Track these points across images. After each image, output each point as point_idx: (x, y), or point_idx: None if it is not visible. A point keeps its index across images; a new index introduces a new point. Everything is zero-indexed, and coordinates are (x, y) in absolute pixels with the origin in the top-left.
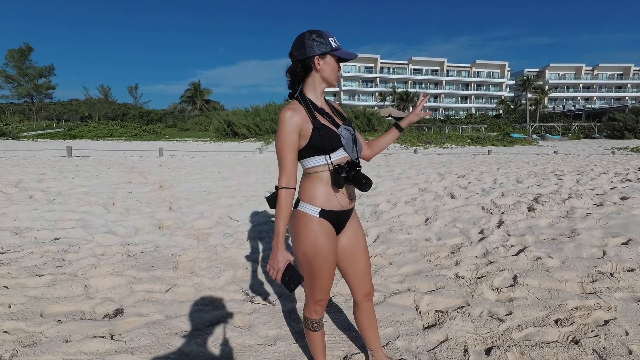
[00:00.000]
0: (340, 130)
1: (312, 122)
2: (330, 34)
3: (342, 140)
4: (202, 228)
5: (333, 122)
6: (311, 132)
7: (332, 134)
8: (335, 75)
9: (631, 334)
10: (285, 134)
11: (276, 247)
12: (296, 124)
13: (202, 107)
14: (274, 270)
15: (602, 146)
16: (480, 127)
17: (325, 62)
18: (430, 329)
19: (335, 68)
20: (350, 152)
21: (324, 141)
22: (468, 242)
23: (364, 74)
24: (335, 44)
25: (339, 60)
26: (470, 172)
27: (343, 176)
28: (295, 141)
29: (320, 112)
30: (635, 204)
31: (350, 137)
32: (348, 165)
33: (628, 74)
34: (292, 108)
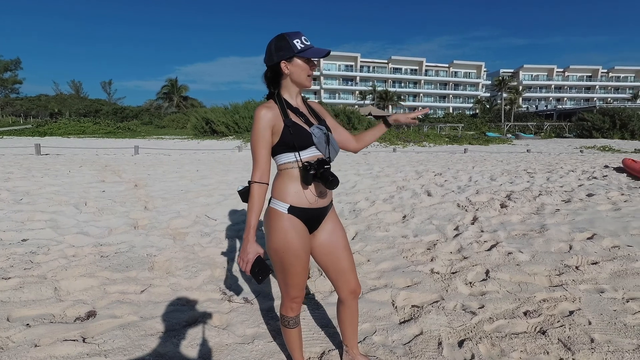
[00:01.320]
0: (312, 129)
1: (283, 120)
2: (299, 34)
3: (313, 139)
4: (179, 227)
5: (306, 121)
6: (282, 130)
7: (303, 132)
8: (305, 77)
9: (593, 323)
10: (259, 131)
11: (246, 240)
12: (269, 121)
13: (180, 104)
14: (244, 262)
15: (572, 145)
16: (457, 126)
17: (293, 65)
18: (406, 324)
19: (305, 69)
20: (323, 151)
21: (294, 139)
22: (443, 239)
23: (345, 72)
24: (302, 45)
25: (309, 59)
26: (447, 170)
27: (311, 173)
28: (268, 138)
29: (294, 111)
30: (600, 201)
31: (323, 136)
32: (317, 163)
33: (596, 76)
34: (266, 106)
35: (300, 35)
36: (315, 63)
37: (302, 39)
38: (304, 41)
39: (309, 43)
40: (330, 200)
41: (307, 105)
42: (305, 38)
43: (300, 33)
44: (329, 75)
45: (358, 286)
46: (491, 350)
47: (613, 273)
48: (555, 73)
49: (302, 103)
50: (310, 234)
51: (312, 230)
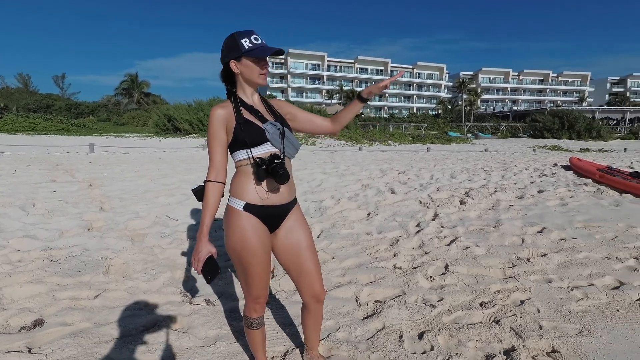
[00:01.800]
0: (265, 125)
1: (235, 117)
2: (249, 33)
3: (267, 135)
4: (137, 228)
5: (260, 117)
6: (235, 127)
7: (255, 128)
8: (256, 75)
9: (542, 312)
10: (213, 130)
11: (199, 239)
12: (222, 119)
13: (140, 101)
14: (195, 261)
15: (526, 145)
16: (421, 125)
17: (242, 65)
18: (369, 319)
19: (255, 68)
20: (279, 146)
21: (245, 135)
22: (406, 235)
23: (312, 71)
24: (250, 44)
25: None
26: (410, 168)
27: (263, 168)
28: (223, 136)
29: (248, 109)
30: (549, 197)
31: (277, 131)
32: (269, 158)
33: (547, 80)
34: (221, 106)
35: (251, 35)
36: (267, 61)
37: (251, 38)
38: (253, 40)
39: (260, 42)
40: (293, 198)
41: (265, 103)
42: (256, 37)
43: (252, 32)
44: (296, 73)
45: (322, 291)
46: (449, 341)
47: (560, 264)
48: (511, 76)
49: (258, 101)
50: (271, 233)
51: (274, 229)
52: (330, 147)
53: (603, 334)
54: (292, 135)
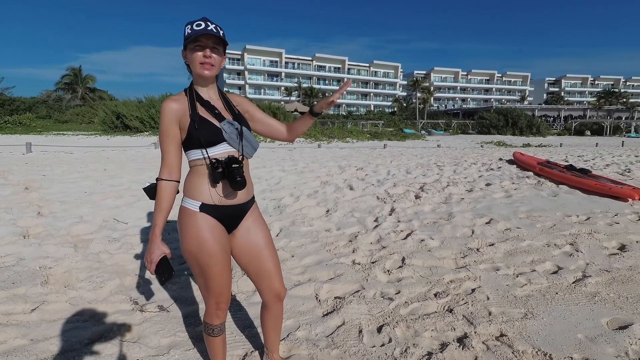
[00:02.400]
0: (222, 124)
1: (190, 114)
2: (198, 20)
3: (224, 135)
4: (81, 234)
5: (217, 115)
6: (189, 125)
7: (211, 127)
8: (197, 64)
9: (491, 298)
10: (165, 126)
11: (152, 240)
12: (175, 115)
13: (85, 96)
14: (148, 262)
15: (474, 141)
16: (378, 123)
17: (188, 54)
18: (328, 316)
19: (195, 58)
20: (236, 146)
21: (199, 134)
22: (364, 230)
23: (269, 67)
24: (190, 30)
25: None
26: (368, 164)
27: (219, 171)
28: (176, 132)
29: (204, 105)
30: (496, 189)
31: (234, 131)
32: (226, 161)
33: (493, 80)
34: (173, 99)
35: (194, 22)
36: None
37: (194, 24)
38: (194, 27)
39: (202, 27)
40: (251, 197)
41: (224, 99)
42: (199, 23)
43: (203, 19)
44: (253, 70)
45: (282, 289)
46: (406, 332)
47: (506, 252)
48: (460, 76)
49: (216, 96)
50: (229, 233)
51: (231, 229)
52: (289, 145)
53: (544, 316)
54: (251, 134)
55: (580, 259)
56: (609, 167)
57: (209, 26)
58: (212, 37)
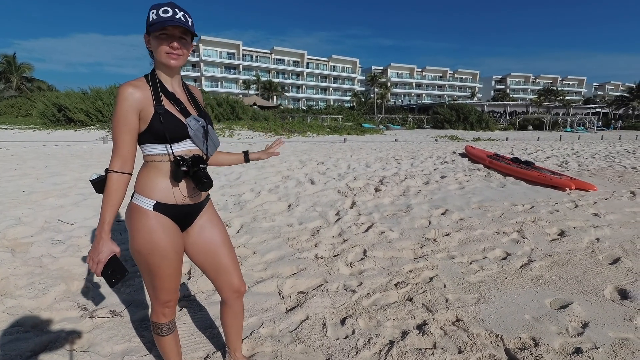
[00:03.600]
0: (188, 120)
1: (154, 105)
2: (162, 5)
3: (189, 132)
4: (19, 237)
5: (183, 110)
6: (152, 117)
7: (177, 122)
8: (162, 54)
9: (448, 286)
10: (123, 113)
11: (99, 237)
12: (136, 102)
13: (21, 87)
14: (94, 262)
15: (429, 135)
16: (337, 117)
17: (152, 40)
18: (292, 311)
19: (160, 47)
20: (201, 145)
21: (165, 129)
22: (326, 224)
23: (226, 59)
24: (156, 16)
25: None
26: (329, 159)
27: (183, 170)
28: (134, 122)
29: (169, 97)
30: (450, 182)
31: (200, 129)
32: (192, 160)
33: (445, 77)
34: (134, 84)
35: (161, 7)
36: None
37: (160, 10)
38: (161, 13)
39: (169, 14)
40: (207, 195)
41: (188, 92)
42: (166, 9)
43: (170, 4)
44: (209, 62)
45: (242, 284)
46: (369, 323)
47: (460, 241)
48: (415, 72)
49: (180, 89)
50: (183, 232)
51: (185, 228)
52: (248, 139)
53: (496, 300)
54: (215, 133)
55: (526, 245)
56: (549, 159)
57: (177, 14)
58: (180, 27)
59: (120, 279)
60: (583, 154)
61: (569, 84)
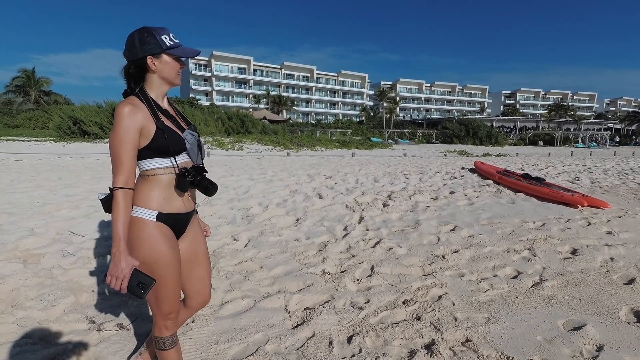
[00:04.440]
0: (185, 134)
1: (155, 122)
2: (166, 30)
3: (186, 145)
4: (31, 248)
5: (177, 125)
6: (154, 133)
7: (177, 137)
8: (175, 74)
9: (457, 304)
10: (125, 131)
11: (118, 254)
12: (138, 122)
13: (39, 100)
14: (118, 279)
15: (438, 150)
16: (346, 131)
17: (161, 62)
18: (298, 328)
19: (175, 67)
20: (195, 158)
21: (169, 144)
22: (334, 239)
23: (237, 74)
24: (171, 41)
25: (178, 57)
26: (337, 173)
27: (189, 180)
28: (136, 139)
29: (163, 113)
30: (459, 197)
31: (195, 142)
32: (195, 170)
33: (454, 92)
34: (132, 103)
35: (168, 32)
36: (184, 62)
37: (170, 35)
38: (173, 38)
39: (178, 41)
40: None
41: (174, 108)
42: (173, 35)
43: (167, 29)
44: (221, 77)
45: (209, 296)
46: (376, 342)
47: (470, 259)
48: (424, 87)
49: (168, 105)
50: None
51: (179, 236)
52: (257, 153)
53: (506, 320)
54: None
55: (537, 263)
56: (560, 175)
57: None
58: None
59: (149, 288)
60: (595, 171)
61: (579, 100)
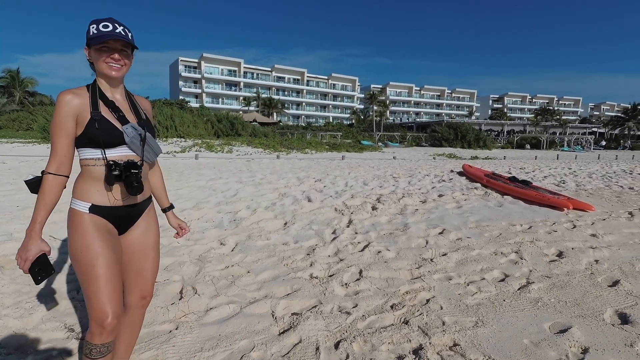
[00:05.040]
0: (125, 127)
1: (90, 112)
2: (101, 20)
3: (125, 138)
4: (9, 254)
5: (121, 117)
6: (87, 122)
7: (112, 129)
8: (103, 65)
9: (444, 308)
10: (60, 118)
11: (29, 235)
12: (73, 109)
13: (24, 101)
14: (22, 259)
15: (427, 153)
16: (336, 134)
17: (91, 53)
18: (285, 334)
19: (99, 57)
20: (137, 151)
21: (99, 134)
22: (322, 243)
23: (228, 77)
24: (96, 31)
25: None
26: (326, 176)
27: (115, 174)
28: (71, 127)
29: (108, 105)
30: (447, 200)
31: (137, 136)
32: (125, 165)
33: (443, 95)
34: (73, 92)
35: (100, 22)
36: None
37: (100, 25)
38: (101, 27)
39: (109, 29)
40: (147, 197)
41: (131, 102)
42: (106, 24)
43: (108, 19)
44: (211, 79)
45: (151, 293)
46: (363, 347)
47: (458, 262)
48: (414, 91)
49: (123, 98)
50: (121, 234)
51: (124, 230)
52: (247, 155)
53: (494, 324)
54: (155, 140)
55: (524, 266)
56: (547, 178)
57: (117, 28)
58: (120, 40)
59: (45, 277)
60: (580, 174)
61: (565, 104)
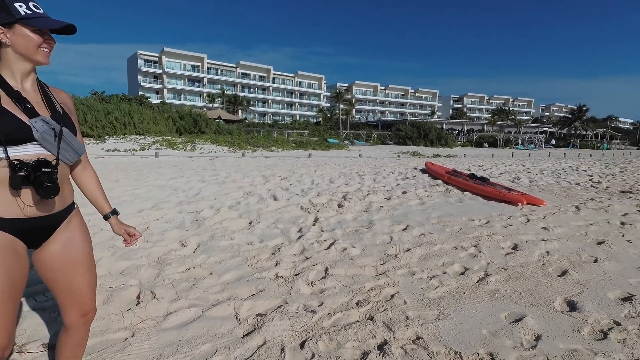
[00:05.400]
0: (33, 121)
1: None
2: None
3: (34, 134)
4: None
5: (29, 110)
6: None
7: (16, 122)
8: (35, 49)
9: (408, 303)
10: None
11: None
12: None
13: None
14: None
15: (392, 151)
16: (303, 132)
17: (14, 34)
18: (249, 336)
19: (33, 41)
20: (51, 149)
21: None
22: (288, 242)
23: (190, 72)
24: (29, 10)
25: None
26: (292, 174)
27: (21, 175)
28: None
29: (13, 95)
30: (411, 197)
31: (50, 131)
32: (34, 164)
33: (407, 95)
34: None
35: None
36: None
37: (29, 4)
38: (33, 7)
39: (41, 11)
40: (69, 204)
41: (44, 93)
42: (36, 5)
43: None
44: (172, 74)
45: (93, 309)
46: (329, 345)
47: (421, 257)
48: (379, 90)
49: (33, 88)
50: (36, 248)
51: (40, 243)
52: (211, 153)
53: (454, 316)
54: (75, 137)
55: (483, 259)
56: (502, 175)
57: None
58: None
59: None
60: (533, 170)
61: (519, 105)
